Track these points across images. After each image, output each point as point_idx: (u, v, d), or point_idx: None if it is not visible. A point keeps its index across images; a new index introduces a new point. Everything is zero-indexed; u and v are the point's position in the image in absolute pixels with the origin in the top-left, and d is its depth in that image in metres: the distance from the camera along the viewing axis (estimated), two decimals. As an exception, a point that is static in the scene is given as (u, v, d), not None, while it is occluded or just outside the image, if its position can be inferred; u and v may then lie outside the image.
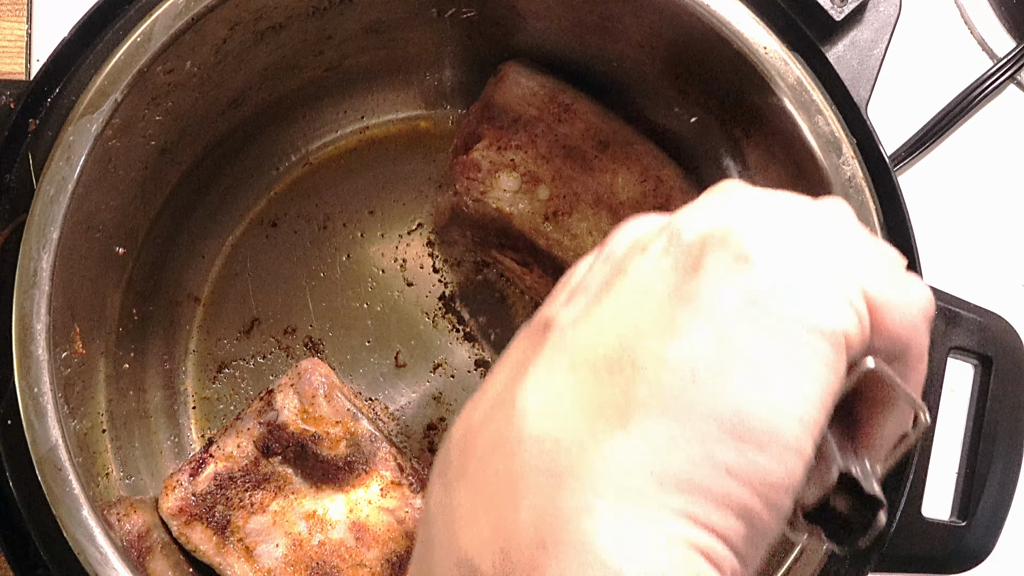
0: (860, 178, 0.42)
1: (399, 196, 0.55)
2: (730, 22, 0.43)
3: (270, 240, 0.55)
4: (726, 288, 0.25)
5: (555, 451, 0.23)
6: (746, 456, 0.23)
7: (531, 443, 0.24)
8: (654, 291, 0.25)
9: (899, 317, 0.26)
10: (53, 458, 0.39)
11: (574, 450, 0.23)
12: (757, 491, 0.23)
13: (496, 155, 0.50)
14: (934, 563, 0.42)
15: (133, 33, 0.43)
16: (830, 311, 0.25)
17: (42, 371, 0.40)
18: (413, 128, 0.56)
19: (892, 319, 0.26)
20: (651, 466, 0.23)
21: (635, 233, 0.28)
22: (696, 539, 0.23)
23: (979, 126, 0.58)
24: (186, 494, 0.48)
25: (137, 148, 0.46)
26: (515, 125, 0.50)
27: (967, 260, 0.57)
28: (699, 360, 0.24)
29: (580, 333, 0.26)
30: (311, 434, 0.49)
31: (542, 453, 0.24)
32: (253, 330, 0.54)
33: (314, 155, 0.56)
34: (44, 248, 0.41)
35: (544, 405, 0.24)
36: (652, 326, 0.25)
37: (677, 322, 0.24)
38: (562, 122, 0.50)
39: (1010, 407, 0.43)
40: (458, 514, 0.24)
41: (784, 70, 0.42)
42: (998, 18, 0.59)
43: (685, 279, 0.25)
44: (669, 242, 0.27)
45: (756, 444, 0.23)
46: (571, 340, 0.26)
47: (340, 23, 0.50)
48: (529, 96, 0.51)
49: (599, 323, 0.26)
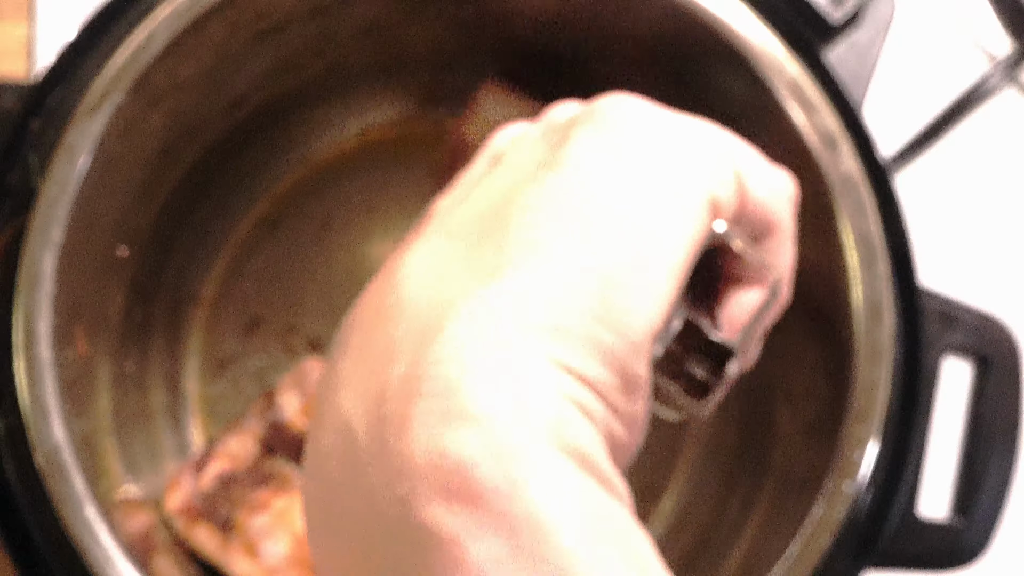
0: (857, 175, 0.42)
1: (400, 195, 0.55)
2: (727, 20, 0.43)
3: (271, 240, 0.55)
4: (594, 146, 0.26)
5: (428, 309, 0.24)
6: (612, 302, 0.23)
7: (406, 305, 0.24)
8: (524, 165, 0.26)
9: (764, 194, 0.28)
10: (56, 458, 0.39)
11: (446, 306, 0.23)
12: (622, 337, 0.23)
13: None
14: (931, 561, 0.43)
15: (135, 34, 0.43)
16: (701, 172, 0.26)
17: (45, 371, 0.40)
18: (413, 128, 0.57)
19: (758, 196, 0.28)
20: (519, 315, 0.23)
21: (513, 133, 0.30)
22: (565, 386, 0.23)
23: (977, 127, 0.58)
24: (189, 493, 0.48)
25: (139, 149, 0.46)
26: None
27: (964, 261, 0.57)
28: (564, 212, 0.24)
29: (457, 210, 0.26)
30: (313, 433, 0.49)
31: (417, 313, 0.24)
32: (255, 330, 0.54)
33: (315, 155, 0.56)
34: (47, 248, 0.41)
35: (420, 271, 0.25)
36: (520, 190, 0.25)
37: (543, 181, 0.25)
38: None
39: (1006, 407, 0.44)
40: (339, 383, 0.24)
41: (781, 68, 0.43)
42: (997, 19, 0.59)
43: (554, 149, 0.26)
44: (543, 128, 0.28)
45: (622, 290, 0.24)
46: (448, 217, 0.26)
47: (340, 24, 0.50)
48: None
49: (474, 200, 0.26)
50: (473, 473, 0.21)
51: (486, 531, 0.21)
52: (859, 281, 0.41)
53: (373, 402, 0.23)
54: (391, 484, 0.22)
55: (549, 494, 0.21)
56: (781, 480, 0.47)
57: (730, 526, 0.47)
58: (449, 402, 0.22)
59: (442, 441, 0.21)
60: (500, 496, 0.21)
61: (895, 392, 0.41)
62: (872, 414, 0.40)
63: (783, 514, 0.45)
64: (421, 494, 0.21)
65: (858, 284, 0.41)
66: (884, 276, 0.41)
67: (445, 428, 0.21)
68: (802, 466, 0.45)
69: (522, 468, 0.21)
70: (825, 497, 0.40)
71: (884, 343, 0.40)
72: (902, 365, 0.41)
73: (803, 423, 0.46)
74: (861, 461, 0.40)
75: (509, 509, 0.21)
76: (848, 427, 0.40)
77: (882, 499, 0.41)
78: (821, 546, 0.40)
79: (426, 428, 0.22)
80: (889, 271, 0.41)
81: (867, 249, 0.41)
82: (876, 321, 0.41)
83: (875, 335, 0.40)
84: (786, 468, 0.47)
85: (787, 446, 0.48)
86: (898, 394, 0.41)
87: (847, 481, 0.40)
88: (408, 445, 0.22)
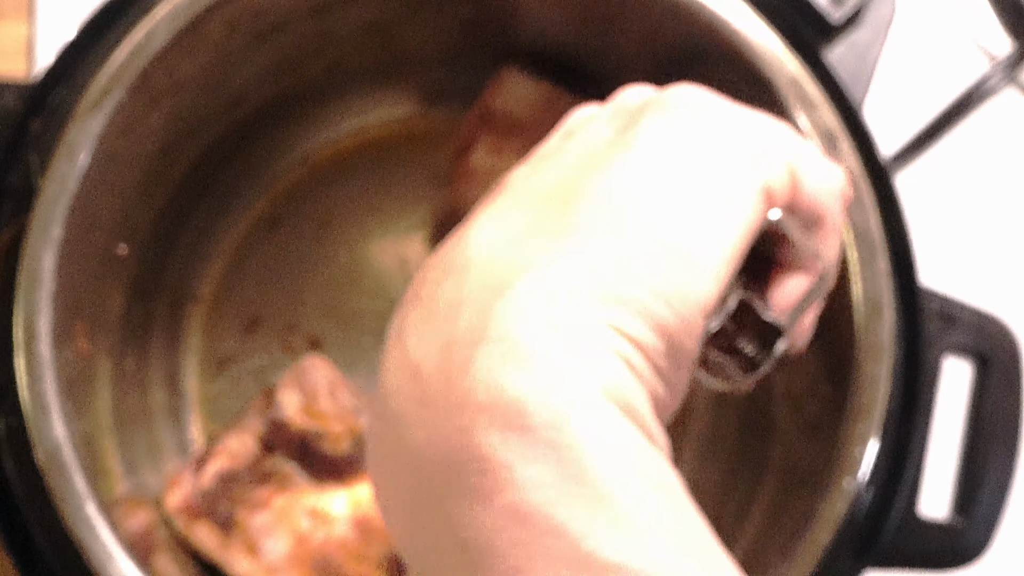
0: (857, 173, 0.42)
1: (399, 195, 0.55)
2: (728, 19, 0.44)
3: (271, 239, 0.55)
4: (662, 132, 0.28)
5: (497, 268, 0.26)
6: (669, 278, 0.26)
7: (476, 264, 0.26)
8: (594, 143, 0.28)
9: (816, 187, 0.30)
10: (57, 456, 0.39)
11: (514, 266, 0.26)
12: (676, 312, 0.25)
13: (493, 159, 0.50)
14: (931, 560, 0.43)
15: (134, 33, 0.43)
16: (758, 163, 0.28)
17: (46, 369, 0.40)
18: (413, 127, 0.57)
19: (810, 188, 0.29)
20: (582, 279, 0.25)
21: (585, 112, 0.31)
22: (617, 345, 0.25)
23: (977, 127, 0.58)
24: (189, 492, 0.48)
25: (138, 148, 0.46)
26: (513, 130, 0.50)
27: (964, 261, 0.57)
28: (631, 191, 0.26)
29: (528, 182, 0.29)
30: (314, 431, 0.49)
31: (485, 271, 0.26)
32: (255, 328, 0.54)
33: (314, 154, 0.56)
34: (47, 247, 0.41)
35: (490, 234, 0.27)
36: (590, 166, 0.27)
37: (612, 160, 0.27)
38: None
39: (1006, 406, 0.44)
40: (409, 330, 0.27)
41: (781, 66, 0.43)
42: (997, 19, 0.59)
43: (623, 131, 0.28)
44: (614, 110, 0.30)
45: (679, 268, 0.26)
46: (520, 187, 0.28)
47: (340, 23, 0.50)
48: (526, 101, 0.51)
49: (545, 172, 0.28)
50: (527, 408, 0.23)
51: (535, 459, 0.23)
52: (859, 278, 0.41)
53: (441, 346, 0.25)
54: (453, 416, 0.24)
55: (594, 430, 0.23)
56: (781, 478, 0.47)
57: (730, 524, 0.47)
58: (510, 347, 0.24)
59: (501, 379, 0.24)
60: (550, 429, 0.23)
61: (896, 391, 0.41)
62: (873, 411, 0.40)
63: (783, 512, 0.45)
64: (480, 424, 0.23)
65: (858, 281, 0.41)
66: (884, 273, 0.41)
67: (505, 368, 0.24)
68: (802, 464, 0.45)
69: (571, 407, 0.23)
70: (826, 494, 0.40)
71: (884, 340, 0.40)
72: (902, 364, 0.41)
73: (803, 421, 0.46)
74: (862, 458, 0.40)
75: (557, 440, 0.23)
76: (849, 424, 0.40)
77: (882, 498, 0.41)
78: (821, 544, 0.40)
79: (488, 368, 0.24)
80: (889, 268, 0.41)
81: (867, 246, 0.41)
82: (876, 318, 0.41)
83: (875, 332, 0.40)
84: (786, 466, 0.47)
85: (787, 444, 0.48)
86: (899, 393, 0.41)
87: (848, 478, 0.40)
88: (471, 382, 0.24)
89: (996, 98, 0.58)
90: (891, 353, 0.40)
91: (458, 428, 0.24)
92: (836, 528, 0.40)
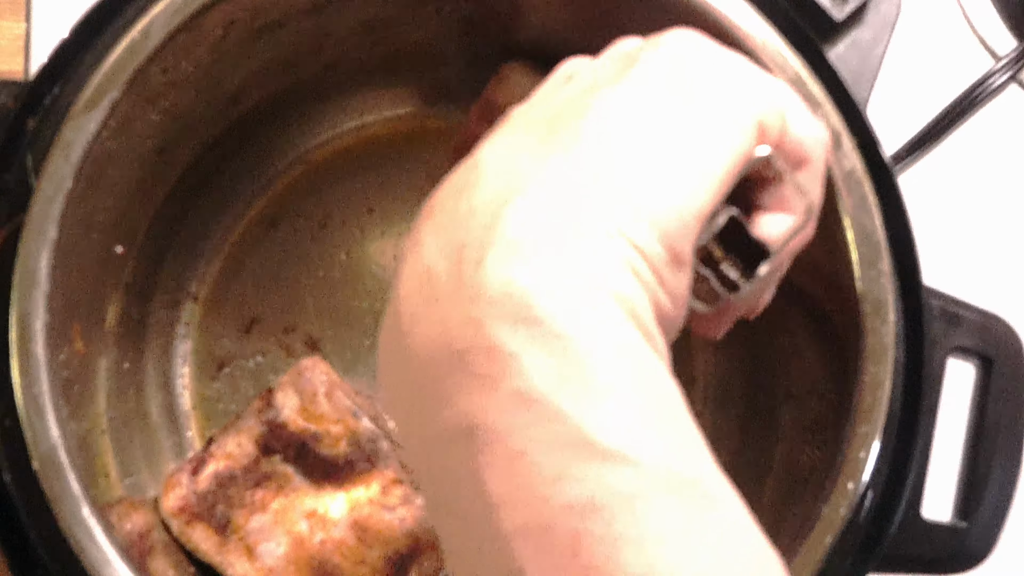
0: (860, 172, 0.42)
1: (398, 194, 0.55)
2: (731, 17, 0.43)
3: (269, 239, 0.55)
4: (660, 66, 0.29)
5: (506, 177, 0.27)
6: (670, 183, 0.27)
7: (485, 178, 0.28)
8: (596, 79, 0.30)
9: (802, 132, 0.32)
10: (53, 458, 0.39)
11: (522, 174, 0.27)
12: (675, 214, 0.27)
13: None
14: (934, 564, 0.42)
15: (131, 31, 0.42)
16: (753, 98, 0.30)
17: (41, 371, 0.40)
18: (412, 126, 0.56)
19: (797, 132, 0.31)
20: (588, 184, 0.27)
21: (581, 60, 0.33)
22: (622, 250, 0.26)
23: (980, 126, 0.58)
24: (187, 493, 0.48)
25: (135, 147, 0.46)
26: None
27: (968, 260, 0.57)
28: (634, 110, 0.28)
29: (533, 110, 0.30)
30: (312, 432, 0.49)
31: (495, 182, 0.27)
32: (253, 329, 0.54)
33: (313, 153, 0.56)
34: (43, 247, 0.41)
35: (500, 153, 0.29)
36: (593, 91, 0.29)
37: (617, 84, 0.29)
38: None
39: (1011, 408, 0.43)
40: (423, 239, 0.28)
41: (783, 64, 0.42)
42: (1000, 17, 0.58)
43: (622, 68, 0.30)
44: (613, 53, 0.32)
45: (680, 175, 0.27)
46: (524, 116, 0.30)
47: (338, 21, 0.50)
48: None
49: (549, 102, 0.30)
50: (536, 301, 0.25)
51: (541, 349, 0.24)
52: (862, 278, 0.41)
53: (454, 249, 0.27)
54: (464, 308, 0.26)
55: (598, 326, 0.25)
56: (783, 479, 0.47)
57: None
58: (521, 245, 0.26)
59: (512, 275, 0.25)
60: (556, 322, 0.25)
61: (899, 392, 0.40)
62: (876, 413, 0.40)
63: (785, 513, 0.44)
64: (490, 316, 0.25)
65: (861, 281, 0.41)
66: (887, 273, 0.41)
67: (515, 265, 0.25)
68: (805, 465, 0.45)
69: (578, 303, 0.25)
70: (828, 496, 0.39)
71: (887, 340, 0.40)
72: (906, 364, 0.41)
73: (806, 421, 0.46)
74: (865, 460, 0.40)
75: (563, 333, 0.25)
76: (852, 426, 0.40)
77: (885, 500, 0.40)
78: (824, 546, 0.39)
79: (499, 265, 0.25)
80: (892, 268, 0.41)
81: (870, 246, 0.41)
82: (879, 318, 0.40)
83: (878, 332, 0.40)
84: (788, 467, 0.47)
85: (789, 445, 0.47)
86: (902, 393, 0.41)
87: (851, 481, 0.39)
88: (482, 278, 0.25)
89: (1000, 96, 0.58)
90: (894, 352, 0.40)
91: (468, 320, 0.25)
92: (838, 530, 0.39)
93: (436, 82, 0.56)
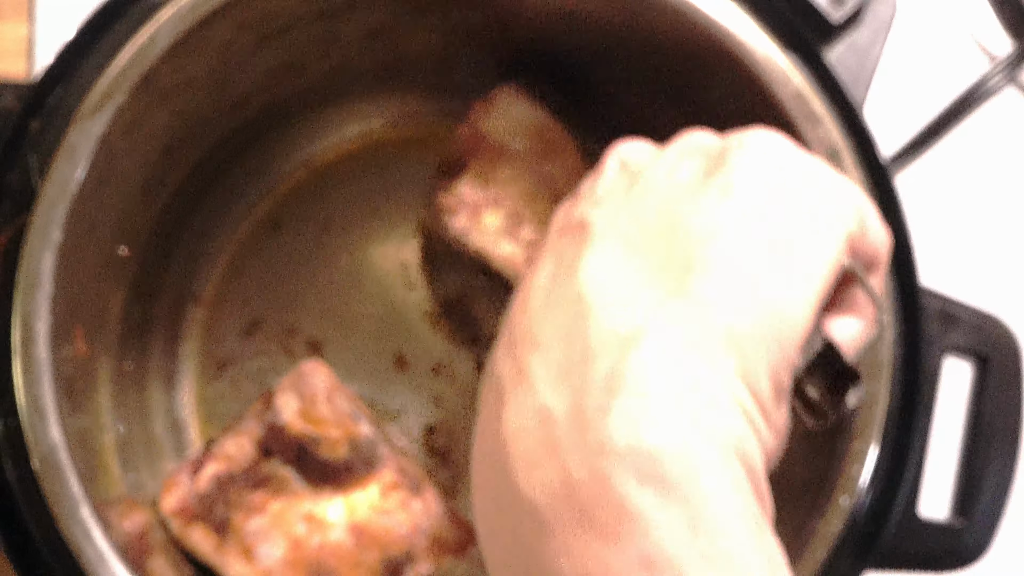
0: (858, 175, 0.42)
1: (402, 199, 0.55)
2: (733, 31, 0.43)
3: (272, 241, 0.55)
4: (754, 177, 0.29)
5: (624, 318, 0.27)
6: (775, 315, 0.27)
7: (600, 312, 0.28)
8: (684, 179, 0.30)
9: (878, 236, 0.32)
10: (53, 458, 0.39)
11: (640, 318, 0.27)
12: (781, 347, 0.27)
13: (480, 191, 0.48)
14: (931, 561, 0.42)
15: (138, 35, 0.43)
16: (843, 211, 0.30)
17: (43, 372, 0.40)
18: (416, 131, 0.57)
19: (872, 238, 0.32)
20: (703, 330, 0.27)
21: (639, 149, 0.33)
22: (739, 395, 0.27)
23: (977, 128, 0.58)
24: (186, 494, 0.48)
25: (140, 150, 0.46)
26: (501, 158, 0.49)
27: (965, 261, 0.57)
28: (739, 235, 0.28)
29: (622, 219, 0.30)
30: (311, 435, 0.49)
31: (612, 321, 0.27)
32: (254, 331, 0.54)
33: (317, 157, 0.56)
34: (46, 249, 0.41)
35: (604, 279, 0.28)
36: (692, 210, 0.29)
37: (713, 206, 0.29)
38: (547, 160, 0.49)
39: (1007, 406, 0.43)
40: (534, 373, 0.28)
41: (784, 80, 0.42)
42: (997, 19, 0.58)
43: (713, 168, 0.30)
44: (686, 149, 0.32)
45: (782, 306, 0.28)
46: (616, 224, 0.30)
47: (345, 26, 0.50)
48: (516, 127, 0.49)
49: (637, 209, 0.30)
50: (665, 460, 0.25)
51: (670, 512, 0.25)
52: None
53: (574, 392, 0.27)
54: (590, 460, 0.26)
55: (724, 491, 0.25)
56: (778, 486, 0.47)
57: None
58: (647, 400, 0.26)
59: (639, 430, 0.25)
60: (685, 485, 0.25)
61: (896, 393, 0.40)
62: (870, 431, 0.40)
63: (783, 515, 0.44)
64: (619, 471, 0.25)
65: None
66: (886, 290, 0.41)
67: (642, 420, 0.25)
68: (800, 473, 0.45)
69: (705, 465, 0.25)
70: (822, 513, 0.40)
71: (883, 358, 0.40)
72: (903, 364, 0.41)
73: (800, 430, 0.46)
74: (859, 476, 0.40)
75: (691, 497, 0.25)
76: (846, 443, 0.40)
77: (882, 500, 0.40)
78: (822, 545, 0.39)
79: (626, 419, 0.26)
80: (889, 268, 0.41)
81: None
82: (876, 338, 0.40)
83: (874, 351, 0.40)
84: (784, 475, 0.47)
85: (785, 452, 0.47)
86: (899, 394, 0.41)
87: (844, 496, 0.40)
88: (609, 431, 0.25)
89: (996, 98, 0.58)
90: (889, 370, 0.40)
91: (594, 472, 0.25)
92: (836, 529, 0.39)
93: (440, 88, 0.56)
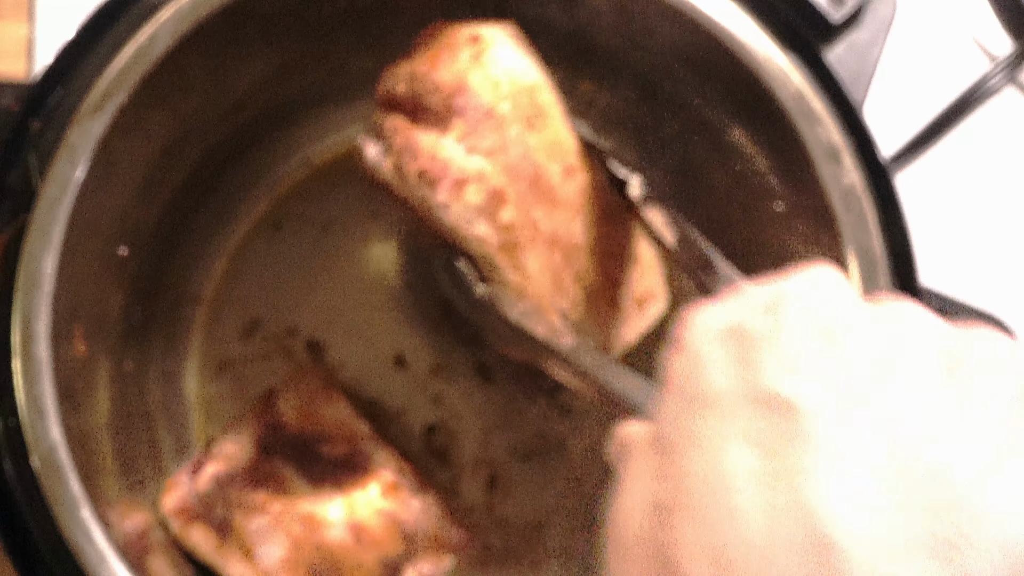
0: (859, 188, 0.42)
1: (401, 199, 0.55)
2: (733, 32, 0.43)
3: (272, 242, 0.55)
4: (998, 389, 0.25)
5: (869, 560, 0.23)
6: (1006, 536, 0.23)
7: (847, 555, 0.23)
8: (926, 388, 0.26)
9: None
10: (53, 458, 0.39)
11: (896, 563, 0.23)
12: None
13: (464, 158, 0.42)
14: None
15: (138, 35, 0.43)
16: None
17: (43, 372, 0.40)
18: (415, 131, 0.56)
19: None
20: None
21: (742, 315, 0.28)
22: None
23: (977, 127, 0.58)
24: (186, 494, 0.48)
25: (140, 150, 0.46)
26: (488, 121, 0.43)
27: (965, 261, 0.57)
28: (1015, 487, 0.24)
29: (856, 427, 0.25)
30: (311, 435, 0.49)
31: (863, 565, 0.23)
32: (255, 331, 0.54)
33: (317, 158, 0.56)
34: (46, 249, 0.41)
35: (854, 517, 0.24)
36: (948, 438, 0.25)
37: (971, 425, 0.25)
38: (534, 129, 0.44)
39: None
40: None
41: (785, 80, 0.42)
42: (997, 19, 0.58)
43: (950, 375, 0.26)
44: (799, 326, 0.27)
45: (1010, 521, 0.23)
46: (848, 436, 0.25)
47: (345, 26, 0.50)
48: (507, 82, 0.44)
49: (876, 418, 0.25)
50: None
51: None
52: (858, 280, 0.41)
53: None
54: None
55: None
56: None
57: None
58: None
59: None
60: None
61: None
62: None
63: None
64: None
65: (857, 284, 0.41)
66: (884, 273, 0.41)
67: None
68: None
69: None
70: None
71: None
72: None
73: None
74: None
75: None
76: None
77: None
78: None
79: None
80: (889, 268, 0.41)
81: (868, 264, 0.41)
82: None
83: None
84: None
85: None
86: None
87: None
88: None
89: (996, 98, 0.58)
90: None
91: None
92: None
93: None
